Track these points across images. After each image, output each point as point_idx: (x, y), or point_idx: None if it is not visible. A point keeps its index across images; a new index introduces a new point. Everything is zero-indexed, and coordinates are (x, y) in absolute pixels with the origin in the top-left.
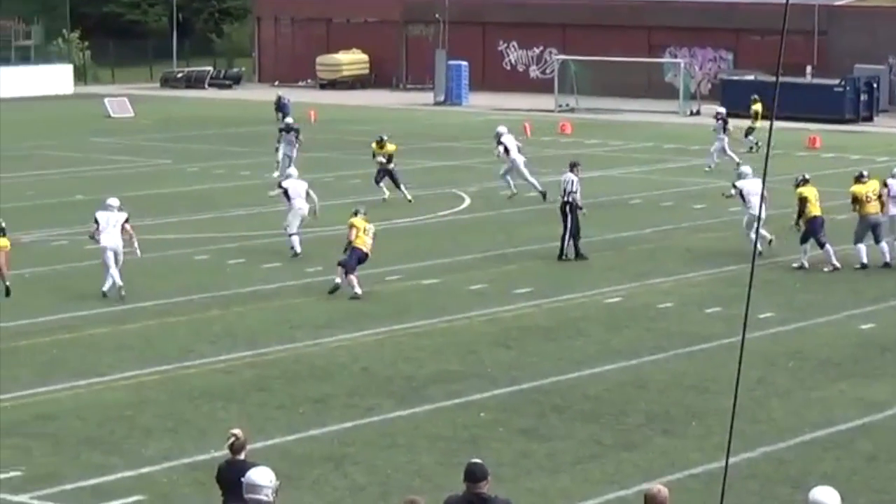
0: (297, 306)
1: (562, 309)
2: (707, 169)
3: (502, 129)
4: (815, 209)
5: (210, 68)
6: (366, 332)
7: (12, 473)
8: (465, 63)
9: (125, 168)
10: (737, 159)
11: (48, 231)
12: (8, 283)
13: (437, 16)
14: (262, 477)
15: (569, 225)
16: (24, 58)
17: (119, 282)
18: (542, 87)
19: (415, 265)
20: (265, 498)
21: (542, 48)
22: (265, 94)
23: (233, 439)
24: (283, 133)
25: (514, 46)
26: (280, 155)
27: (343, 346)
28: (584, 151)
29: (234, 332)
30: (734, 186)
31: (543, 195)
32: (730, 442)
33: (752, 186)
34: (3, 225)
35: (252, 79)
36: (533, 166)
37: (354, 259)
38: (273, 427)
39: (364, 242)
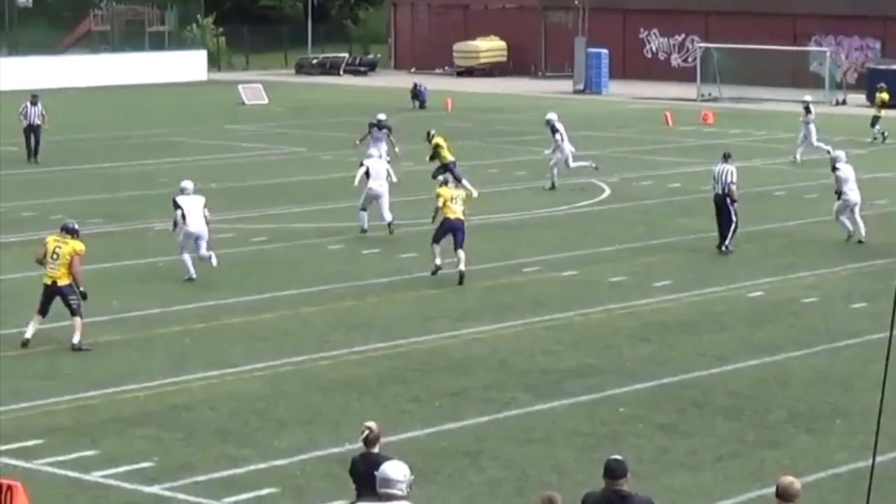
0: (434, 297)
1: (703, 302)
2: (794, 160)
3: (553, 115)
4: None
5: (345, 55)
6: (503, 325)
7: (145, 464)
8: (605, 51)
9: (258, 156)
10: (825, 147)
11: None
12: (83, 289)
13: (576, 2)
14: (396, 471)
15: (731, 216)
16: (158, 44)
17: (194, 274)
18: (684, 75)
19: (553, 257)
20: (399, 492)
21: (684, 36)
22: (401, 82)
23: (367, 432)
24: (374, 129)
25: (655, 34)
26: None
27: (480, 338)
28: (727, 141)
29: (369, 322)
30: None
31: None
32: (876, 441)
33: (846, 172)
34: (77, 226)
35: (388, 65)
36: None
37: (442, 231)
38: (408, 420)
39: (452, 211)
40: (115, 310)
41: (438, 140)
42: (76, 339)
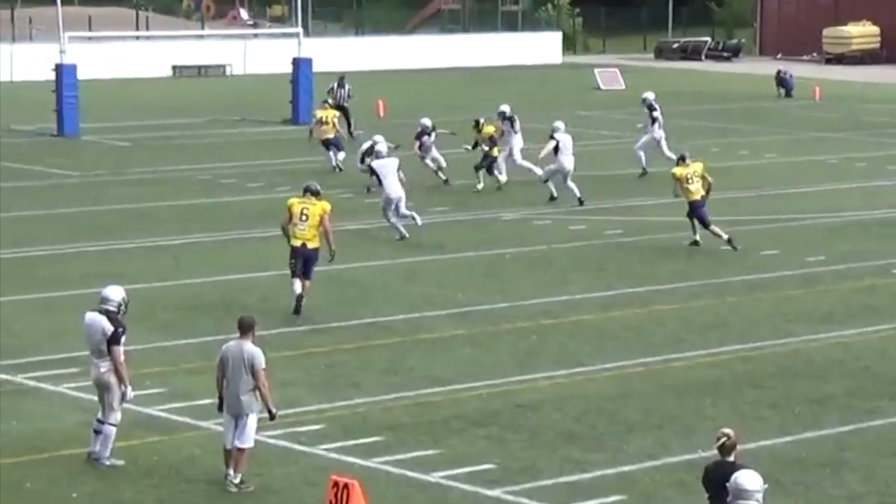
0: (795, 298)
1: None
2: None
3: (650, 94)
4: None
5: (707, 39)
6: (868, 329)
7: (486, 466)
8: None
9: (613, 143)
10: None
11: (531, 210)
12: (334, 248)
13: None
14: (751, 481)
15: None
16: (511, 24)
17: (405, 233)
18: None
19: None
20: (753, 503)
21: None
22: (765, 68)
23: (724, 439)
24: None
25: None
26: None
27: (842, 342)
28: None
29: (725, 323)
30: None
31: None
32: None
33: None
34: (319, 188)
35: (752, 51)
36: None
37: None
38: (764, 427)
39: (697, 191)
40: (459, 303)
41: (489, 129)
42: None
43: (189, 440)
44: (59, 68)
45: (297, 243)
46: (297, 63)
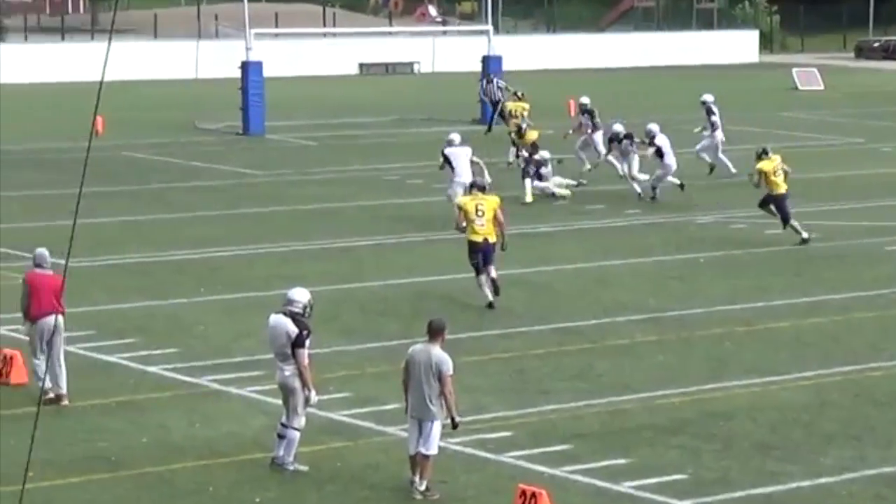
0: None
1: None
2: None
3: (709, 97)
4: None
5: None
6: None
7: (677, 476)
8: None
9: (811, 145)
10: None
11: (727, 213)
12: (505, 240)
13: None
14: None
15: None
16: (706, 22)
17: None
18: None
19: None
20: None
21: None
22: None
23: None
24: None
25: None
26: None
27: None
28: None
29: None
30: None
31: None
32: None
33: None
34: (485, 183)
35: None
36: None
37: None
38: None
39: (782, 184)
40: (651, 308)
41: (532, 135)
42: (491, 296)
43: (374, 446)
44: (244, 66)
45: (478, 239)
46: (487, 61)
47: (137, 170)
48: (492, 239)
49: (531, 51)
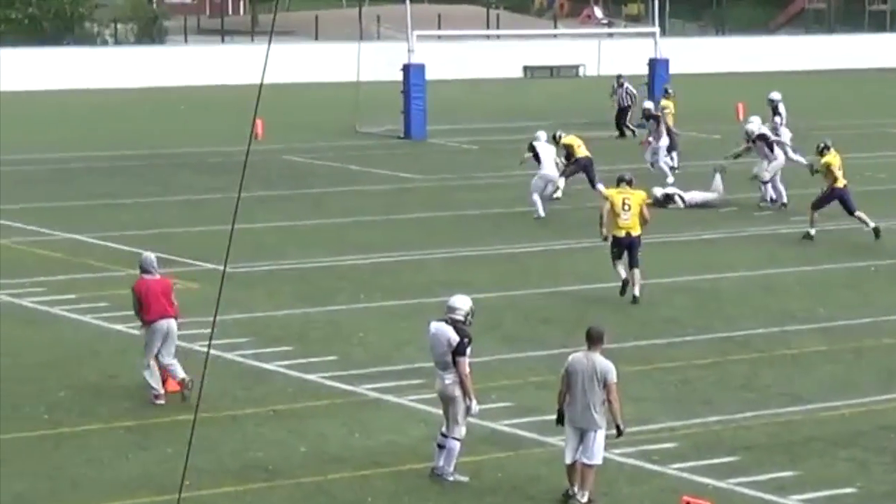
0: None
1: None
2: None
3: (776, 94)
4: None
5: None
6: None
7: (848, 490)
8: None
9: None
10: None
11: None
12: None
13: None
14: None
15: None
16: (879, 25)
17: (542, 213)
18: None
19: None
20: None
21: None
22: None
23: None
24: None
25: None
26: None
27: None
28: None
29: None
30: None
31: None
32: None
33: None
34: (631, 177)
35: None
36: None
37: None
38: None
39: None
40: (821, 317)
41: (568, 140)
42: (637, 292)
43: (535, 457)
44: (406, 68)
45: (622, 233)
46: (653, 64)
47: (297, 174)
48: (634, 232)
49: (699, 53)
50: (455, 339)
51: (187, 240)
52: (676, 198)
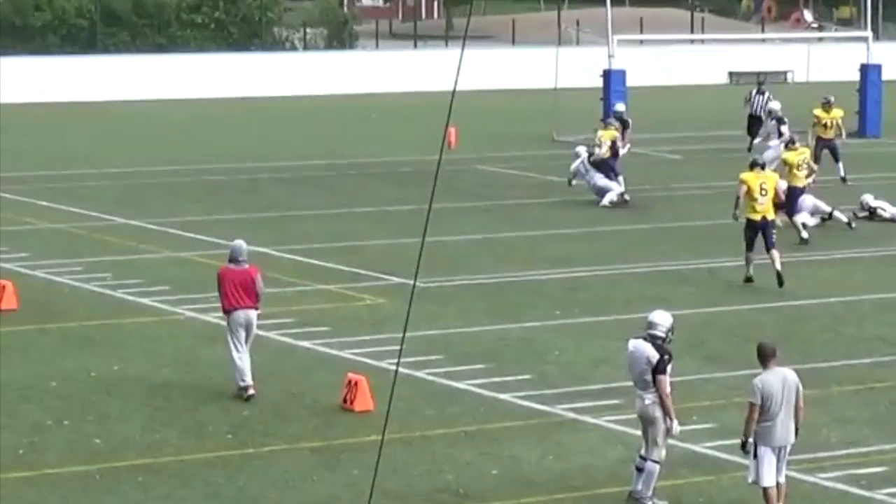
0: None
1: None
2: None
3: (775, 104)
4: None
5: None
6: None
7: None
8: None
9: None
10: None
11: None
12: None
13: None
14: None
15: None
16: None
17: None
18: None
19: None
20: None
21: None
22: None
23: None
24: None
25: None
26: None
27: None
28: None
29: None
30: None
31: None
32: None
33: None
34: (764, 161)
35: None
36: None
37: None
38: None
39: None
40: None
41: (604, 134)
42: (778, 266)
43: (738, 481)
44: (606, 74)
45: (758, 217)
46: (865, 70)
47: (491, 184)
48: (770, 216)
49: None
50: (655, 356)
51: (375, 253)
52: (880, 210)
